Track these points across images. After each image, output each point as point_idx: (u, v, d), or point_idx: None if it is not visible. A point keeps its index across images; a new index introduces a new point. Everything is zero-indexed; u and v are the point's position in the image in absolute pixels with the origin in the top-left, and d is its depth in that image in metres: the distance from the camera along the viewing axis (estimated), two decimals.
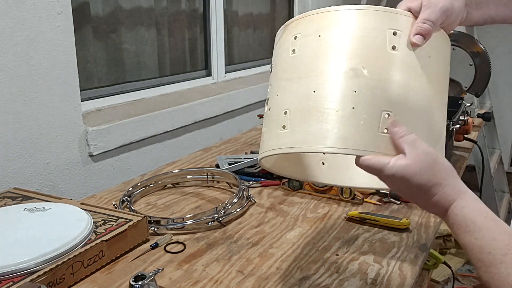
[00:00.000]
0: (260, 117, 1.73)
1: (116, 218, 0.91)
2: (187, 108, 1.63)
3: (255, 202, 1.10)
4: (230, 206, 1.01)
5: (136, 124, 1.41)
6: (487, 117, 1.65)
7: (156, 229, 0.95)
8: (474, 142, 1.52)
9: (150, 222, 0.96)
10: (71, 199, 1.06)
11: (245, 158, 1.30)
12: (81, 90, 1.27)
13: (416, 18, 0.63)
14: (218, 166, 1.29)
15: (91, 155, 1.30)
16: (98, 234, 0.85)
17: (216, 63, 1.95)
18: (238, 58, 2.19)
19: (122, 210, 0.98)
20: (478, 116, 1.67)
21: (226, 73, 2.02)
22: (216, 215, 0.97)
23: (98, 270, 0.82)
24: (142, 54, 1.62)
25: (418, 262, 0.85)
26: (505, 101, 3.44)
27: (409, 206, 1.07)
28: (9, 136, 1.09)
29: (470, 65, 1.52)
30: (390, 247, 0.90)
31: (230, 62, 2.11)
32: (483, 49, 1.52)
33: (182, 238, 0.94)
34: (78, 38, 1.31)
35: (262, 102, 2.03)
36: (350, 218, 1.01)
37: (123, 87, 1.54)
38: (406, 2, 0.64)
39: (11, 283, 0.71)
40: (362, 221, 1.00)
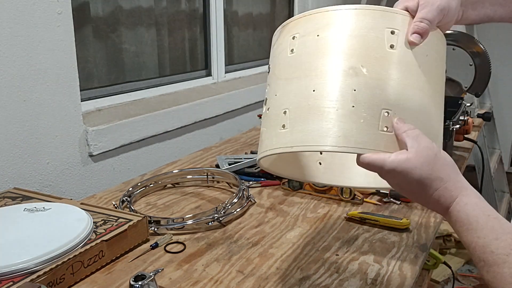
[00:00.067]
0: (260, 117, 1.73)
1: (116, 218, 0.91)
2: (187, 108, 1.62)
3: (255, 202, 1.10)
4: (230, 206, 1.01)
5: (136, 124, 1.41)
6: (487, 117, 1.65)
7: (156, 229, 0.95)
8: (474, 142, 1.52)
9: (150, 222, 0.96)
10: (71, 199, 1.06)
11: (245, 158, 1.30)
12: (81, 90, 1.27)
13: (413, 17, 0.63)
14: (218, 166, 1.29)
15: (91, 155, 1.30)
16: (98, 234, 0.85)
17: (216, 63, 1.95)
18: (238, 58, 2.19)
19: (122, 210, 0.98)
20: (478, 116, 1.67)
21: (226, 73, 2.02)
22: (216, 215, 0.97)
23: (98, 270, 0.82)
24: (142, 54, 1.62)
25: (418, 262, 0.85)
26: (505, 101, 3.44)
27: (409, 206, 1.07)
28: (9, 136, 1.09)
29: (470, 65, 1.52)
30: (390, 247, 0.90)
31: (230, 62, 2.10)
32: (483, 49, 1.52)
33: (182, 238, 0.94)
34: (78, 38, 1.31)
35: (262, 102, 2.01)
36: (350, 218, 1.01)
37: (123, 87, 1.54)
38: (404, 1, 0.64)
39: (11, 283, 0.71)
40: (362, 221, 1.00)
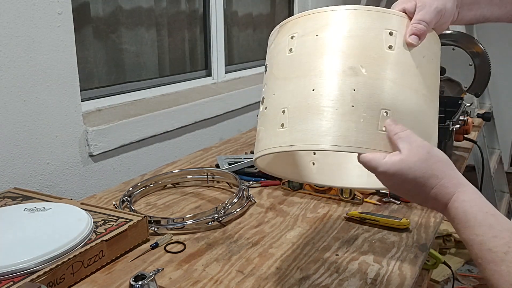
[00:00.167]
0: None
1: (116, 218, 0.91)
2: (187, 108, 1.63)
3: (255, 202, 1.10)
4: (230, 206, 1.01)
5: (136, 124, 1.41)
6: (487, 117, 1.65)
7: (156, 229, 0.96)
8: (474, 142, 1.53)
9: (150, 222, 0.96)
10: (71, 199, 1.06)
11: (245, 158, 1.31)
12: (81, 90, 1.27)
13: (410, 19, 0.63)
14: (218, 166, 1.30)
15: (91, 155, 1.30)
16: (98, 234, 0.85)
17: (216, 63, 1.95)
18: (238, 58, 2.19)
19: (122, 210, 0.98)
20: (478, 116, 1.67)
21: (226, 73, 2.02)
22: (216, 215, 0.98)
23: (98, 270, 0.82)
24: (142, 54, 1.62)
25: (418, 262, 0.85)
26: (505, 101, 3.45)
27: (409, 206, 1.08)
28: (9, 136, 1.09)
29: (470, 65, 1.52)
30: (389, 247, 0.90)
31: (230, 62, 2.10)
32: (483, 49, 1.52)
33: (182, 238, 0.94)
34: (78, 39, 1.31)
35: None
36: (350, 218, 1.01)
37: (123, 87, 1.54)
38: (401, 3, 0.65)
39: (11, 283, 0.71)
40: (362, 221, 1.00)
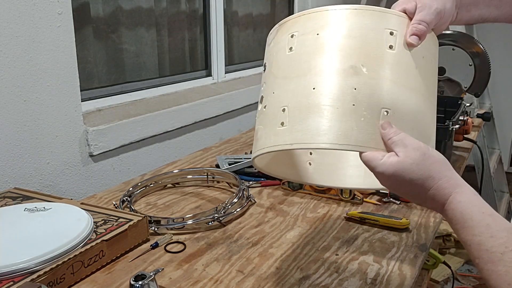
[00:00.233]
0: None
1: (116, 218, 0.91)
2: (187, 108, 1.63)
3: (255, 202, 1.10)
4: (230, 206, 1.01)
5: (136, 124, 1.41)
6: (487, 117, 1.65)
7: (156, 229, 0.96)
8: (474, 142, 1.53)
9: (150, 222, 0.96)
10: (72, 199, 1.06)
11: (245, 158, 1.31)
12: (81, 90, 1.27)
13: (410, 19, 0.64)
14: (218, 166, 1.30)
15: (91, 155, 1.30)
16: (98, 234, 0.85)
17: (216, 63, 1.95)
18: (238, 58, 2.19)
19: (122, 210, 0.98)
20: (478, 116, 1.67)
21: (226, 73, 2.02)
22: (216, 215, 0.98)
23: (98, 270, 0.82)
24: (142, 55, 1.62)
25: (418, 262, 0.85)
26: (504, 101, 3.44)
27: (408, 206, 1.08)
28: (9, 136, 1.09)
29: (470, 65, 1.52)
30: (389, 247, 0.90)
31: (230, 62, 2.10)
32: (483, 49, 1.52)
33: (182, 238, 0.94)
34: (79, 39, 1.31)
35: None
36: (349, 218, 1.01)
37: (123, 87, 1.54)
38: (401, 3, 0.65)
39: (11, 283, 0.71)
40: (362, 221, 1.00)
